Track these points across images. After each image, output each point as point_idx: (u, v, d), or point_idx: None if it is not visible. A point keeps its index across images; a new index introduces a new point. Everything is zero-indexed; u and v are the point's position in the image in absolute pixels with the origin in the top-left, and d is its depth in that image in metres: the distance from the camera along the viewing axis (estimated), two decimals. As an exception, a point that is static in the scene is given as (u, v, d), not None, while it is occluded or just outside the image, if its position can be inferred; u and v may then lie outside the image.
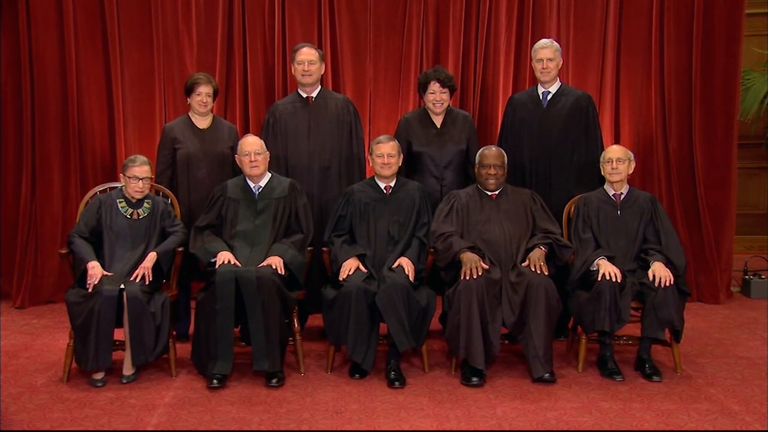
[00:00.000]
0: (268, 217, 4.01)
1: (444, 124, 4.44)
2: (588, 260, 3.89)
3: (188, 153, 4.33)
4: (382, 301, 3.70)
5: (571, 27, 5.45)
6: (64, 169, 5.32)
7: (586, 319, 3.82)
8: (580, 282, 3.90)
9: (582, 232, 4.04)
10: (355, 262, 3.91)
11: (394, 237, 4.05)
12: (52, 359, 4.06)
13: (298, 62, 4.40)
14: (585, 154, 4.37)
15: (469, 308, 3.65)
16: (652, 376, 3.75)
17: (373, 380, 3.76)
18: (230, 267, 3.72)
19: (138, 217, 3.95)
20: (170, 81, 5.36)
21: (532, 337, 3.68)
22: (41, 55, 5.24)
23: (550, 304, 3.71)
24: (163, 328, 3.71)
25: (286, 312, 3.82)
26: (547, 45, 4.43)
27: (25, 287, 5.30)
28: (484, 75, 5.44)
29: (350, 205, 4.11)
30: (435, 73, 4.39)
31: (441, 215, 4.06)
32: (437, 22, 5.45)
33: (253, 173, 4.03)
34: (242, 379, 3.75)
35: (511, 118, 4.53)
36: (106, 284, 3.61)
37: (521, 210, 4.08)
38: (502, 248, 3.93)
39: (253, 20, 5.35)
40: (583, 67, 5.47)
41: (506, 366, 3.94)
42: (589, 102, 4.46)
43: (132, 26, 5.33)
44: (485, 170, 4.08)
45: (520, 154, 4.42)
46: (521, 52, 5.44)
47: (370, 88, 5.49)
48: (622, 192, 4.09)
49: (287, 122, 4.42)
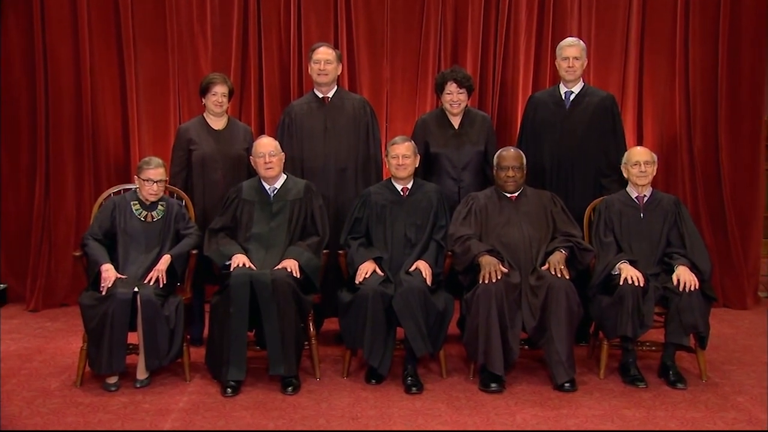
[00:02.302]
0: (284, 220, 4.03)
1: (462, 125, 4.43)
2: (610, 264, 3.87)
3: (203, 154, 4.35)
4: (399, 305, 3.70)
5: (593, 25, 5.44)
6: (77, 170, 5.37)
7: (607, 324, 3.79)
8: (601, 286, 3.88)
9: (603, 235, 4.02)
10: (372, 265, 3.91)
11: (411, 240, 4.05)
12: (66, 363, 4.09)
13: (315, 61, 4.41)
14: (608, 157, 4.35)
15: (488, 312, 3.64)
16: (677, 384, 3.72)
17: (389, 386, 3.76)
18: (245, 270, 3.74)
19: (152, 220, 3.97)
20: (185, 81, 5.40)
21: (553, 342, 3.66)
22: (55, 55, 5.30)
23: (571, 308, 3.69)
24: (177, 331, 3.73)
25: (302, 316, 3.82)
26: (573, 43, 4.41)
27: (38, 290, 5.34)
28: (503, 74, 5.44)
29: (367, 207, 4.12)
30: (452, 73, 4.38)
31: (459, 218, 4.05)
32: (455, 21, 5.45)
33: (268, 175, 4.04)
34: (257, 383, 3.76)
35: (531, 119, 4.52)
36: (120, 287, 3.63)
37: (541, 212, 4.06)
38: (521, 251, 3.91)
39: (268, 20, 5.38)
40: (605, 67, 5.45)
41: (526, 372, 3.93)
42: (614, 104, 4.45)
43: (147, 26, 5.38)
44: (504, 172, 4.07)
45: (540, 156, 4.40)
46: (541, 50, 5.44)
47: (387, 88, 5.50)
48: (645, 194, 4.07)
49: (303, 123, 4.43)
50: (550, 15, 5.40)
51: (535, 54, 5.45)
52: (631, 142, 4.99)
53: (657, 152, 4.33)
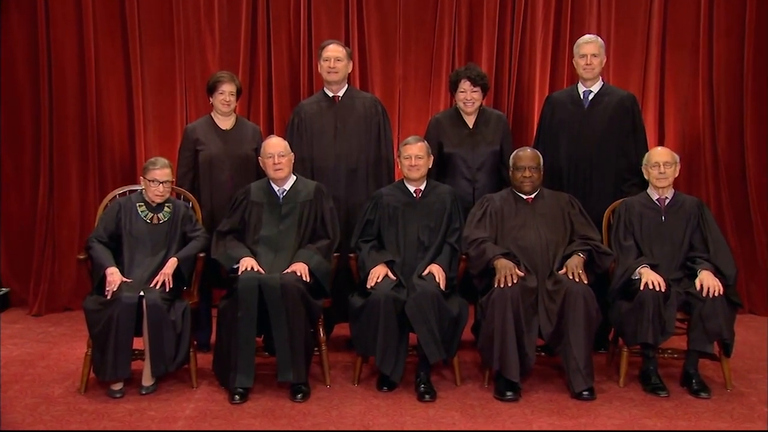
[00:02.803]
0: (293, 222, 4.05)
1: (476, 125, 4.44)
2: (630, 268, 3.87)
3: (210, 155, 4.37)
4: (412, 310, 3.71)
5: (613, 21, 5.43)
6: (82, 171, 5.41)
7: (627, 331, 3.79)
8: (621, 291, 3.88)
9: (623, 238, 4.01)
10: (384, 269, 3.92)
11: (425, 243, 4.06)
12: (70, 369, 4.11)
13: (324, 59, 4.43)
14: (629, 159, 4.34)
15: (504, 318, 3.65)
16: (700, 393, 3.71)
17: (402, 393, 3.77)
18: (253, 274, 3.75)
19: (158, 222, 4.00)
20: (192, 80, 5.42)
21: (571, 348, 3.66)
22: (59, 52, 5.33)
23: (590, 314, 3.68)
24: (184, 337, 3.75)
25: (312, 321, 3.84)
26: (591, 40, 4.40)
27: (41, 294, 5.38)
28: (519, 72, 5.44)
29: (378, 209, 4.13)
30: (466, 71, 4.39)
31: (473, 220, 4.06)
32: (470, 18, 5.46)
33: (278, 176, 4.06)
34: (266, 390, 3.77)
35: (548, 119, 4.52)
36: (125, 291, 3.66)
37: (558, 215, 4.06)
38: (538, 255, 3.92)
39: (277, 16, 5.40)
40: (625, 64, 5.44)
41: (543, 379, 3.93)
42: (634, 103, 4.43)
43: (153, 23, 5.41)
44: (520, 172, 4.07)
45: (557, 157, 4.40)
46: (559, 48, 5.44)
47: (400, 86, 5.51)
48: (666, 196, 4.06)
49: (313, 122, 4.45)
50: (568, 11, 5.40)
51: (552, 51, 5.45)
52: (652, 143, 4.98)
53: (679, 152, 4.31)
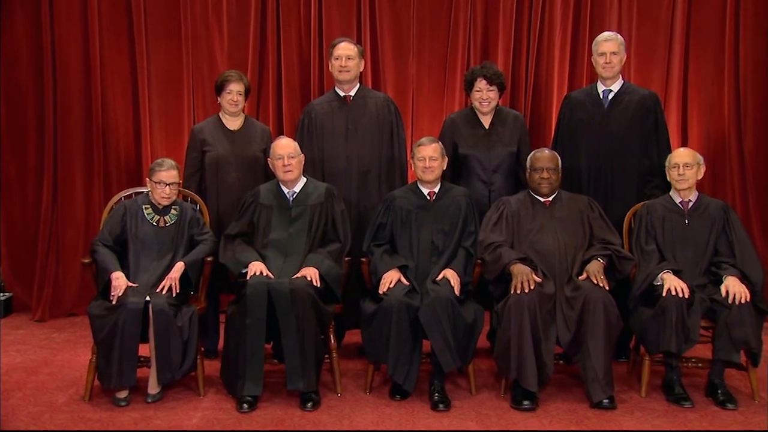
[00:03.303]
0: (303, 225, 4.06)
1: (493, 125, 4.45)
2: (651, 274, 3.86)
3: (218, 156, 4.40)
4: (426, 317, 3.71)
5: (634, 17, 5.42)
6: (87, 172, 5.44)
7: (649, 339, 3.78)
8: (642, 298, 3.87)
9: (645, 243, 4.00)
10: (397, 274, 3.93)
11: (439, 247, 4.06)
12: (74, 376, 4.14)
13: (336, 58, 4.45)
14: (651, 160, 4.34)
15: (520, 325, 3.65)
16: (726, 404, 3.70)
17: (415, 402, 3.77)
18: (262, 278, 3.77)
19: (165, 225, 4.03)
20: (199, 79, 5.46)
21: (590, 357, 3.65)
22: (64, 50, 5.37)
23: (610, 321, 3.68)
24: (191, 343, 3.76)
25: (322, 327, 3.85)
26: (611, 38, 4.39)
27: (45, 299, 5.41)
28: (536, 71, 5.44)
29: (391, 212, 4.14)
30: (482, 70, 4.40)
31: (489, 223, 4.06)
32: (486, 14, 5.46)
33: (287, 178, 4.08)
34: (275, 399, 3.79)
35: (567, 119, 4.51)
36: (131, 296, 3.68)
37: (577, 218, 4.06)
38: (556, 260, 3.91)
39: (287, 13, 5.42)
40: (647, 62, 5.43)
41: (561, 389, 3.93)
42: (656, 102, 4.42)
43: (159, 20, 5.44)
44: (537, 174, 4.07)
45: (576, 159, 4.39)
46: (578, 46, 5.43)
47: (413, 86, 5.52)
48: (690, 199, 4.05)
49: (323, 123, 4.47)
50: (588, 7, 5.39)
51: (571, 49, 5.44)
52: (675, 143, 4.97)
53: (703, 154, 4.29)
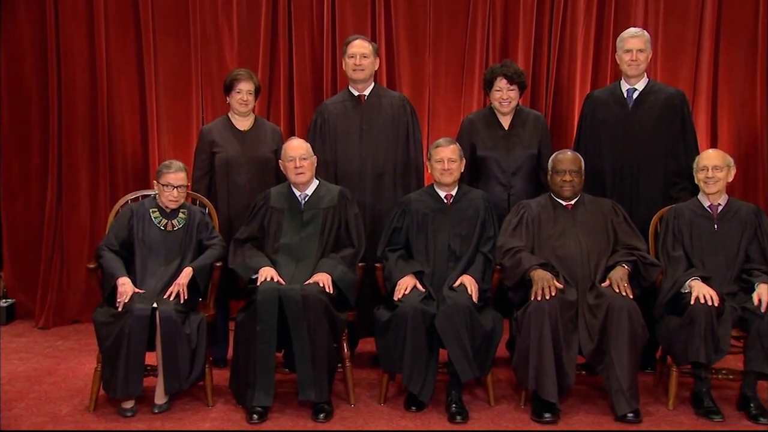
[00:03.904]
0: (315, 229, 4.08)
1: (512, 126, 4.45)
2: (679, 281, 3.85)
3: (227, 157, 4.42)
4: (442, 325, 3.72)
5: (661, 12, 5.39)
6: (92, 175, 5.47)
7: (677, 349, 3.77)
8: (669, 306, 3.86)
9: (672, 248, 3.99)
10: (412, 280, 3.93)
11: (456, 252, 4.07)
12: (78, 386, 4.16)
13: (349, 56, 4.46)
14: (677, 161, 4.33)
15: (541, 333, 3.64)
16: (759, 418, 3.68)
17: (431, 413, 3.78)
18: (273, 285, 3.78)
19: (172, 229, 4.06)
20: (209, 78, 5.48)
21: (614, 367, 3.65)
22: (69, 50, 5.40)
23: (635, 330, 3.67)
24: (199, 352, 3.78)
25: (335, 335, 3.86)
26: (637, 34, 4.39)
27: (49, 305, 5.44)
28: (558, 69, 5.43)
29: (406, 216, 4.15)
30: (502, 68, 4.40)
31: (509, 228, 4.06)
32: (505, 10, 5.45)
33: (299, 180, 4.09)
34: (285, 410, 3.80)
35: (590, 119, 4.51)
36: (138, 303, 3.70)
37: (601, 222, 4.06)
38: (578, 266, 3.91)
39: (299, 10, 5.43)
40: (675, 60, 5.40)
41: (583, 400, 3.92)
42: (683, 101, 4.41)
43: (167, 18, 5.46)
44: (559, 176, 4.07)
45: (599, 161, 4.39)
46: (601, 43, 5.41)
47: (430, 85, 5.52)
48: (719, 203, 4.04)
49: (337, 123, 4.49)
50: (612, 2, 5.36)
51: (594, 46, 5.42)
52: (703, 145, 4.95)
53: (734, 155, 4.27)
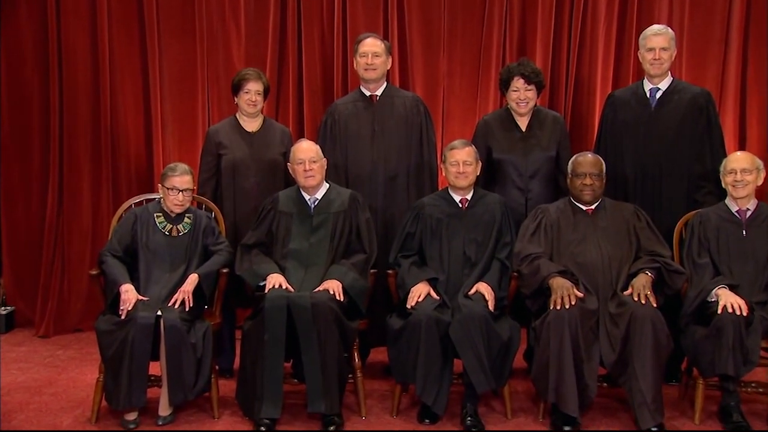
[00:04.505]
0: (326, 235, 4.09)
1: (530, 127, 4.45)
2: (705, 289, 3.84)
3: (235, 160, 4.44)
4: (457, 334, 3.72)
5: (686, 8, 5.38)
6: (94, 178, 5.49)
7: (703, 361, 3.75)
8: (695, 315, 3.85)
9: (697, 255, 3.98)
10: (426, 288, 3.94)
11: (471, 258, 4.07)
12: (80, 396, 4.18)
13: (361, 55, 4.48)
14: (703, 164, 4.31)
15: (560, 343, 3.64)
16: (790, 433, 3.68)
17: (446, 426, 3.78)
18: (281, 292, 3.79)
19: (178, 234, 4.07)
20: (215, 77, 5.50)
21: (637, 379, 3.63)
22: (71, 48, 5.43)
23: (659, 340, 3.66)
24: (205, 361, 3.79)
25: (346, 345, 3.86)
26: (660, 31, 4.38)
27: (49, 313, 5.47)
28: (578, 69, 5.43)
29: (420, 220, 4.16)
30: (519, 67, 4.41)
31: (526, 233, 4.06)
32: (523, 7, 5.46)
33: (308, 184, 4.11)
34: (294, 422, 3.81)
35: (611, 120, 4.50)
36: (141, 310, 3.71)
37: (623, 228, 4.05)
38: (599, 273, 3.90)
39: (309, 7, 5.45)
40: (701, 58, 5.39)
41: (605, 413, 3.92)
42: (709, 101, 4.39)
43: (173, 15, 5.49)
44: (580, 180, 4.07)
45: (621, 164, 4.39)
46: (624, 40, 5.41)
47: (444, 84, 5.53)
48: (748, 208, 4.02)
49: (348, 124, 4.50)
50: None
51: (616, 44, 5.42)
52: (731, 147, 4.93)
53: (763, 158, 4.24)
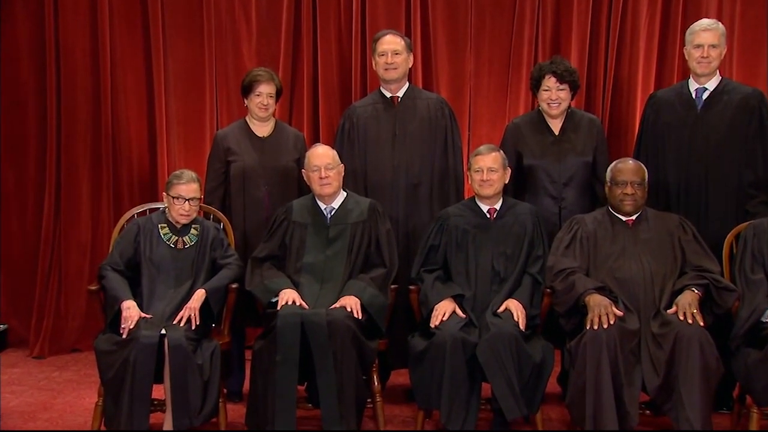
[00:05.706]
0: (343, 247, 4.09)
1: (563, 131, 4.44)
2: (759, 308, 3.80)
3: (245, 167, 4.45)
4: (485, 355, 3.70)
5: (738, 1, 5.33)
6: (94, 186, 5.53)
7: (758, 387, 3.70)
8: (748, 337, 3.81)
9: (751, 270, 3.94)
10: (451, 305, 3.93)
11: (500, 273, 4.06)
12: (78, 422, 4.20)
13: (380, 54, 4.48)
14: (755, 171, 4.28)
15: (598, 367, 3.61)
16: None
17: (473, 457, 3.76)
18: (295, 309, 3.79)
19: (183, 247, 4.08)
20: (224, 78, 5.53)
21: (684, 407, 3.59)
22: (69, 47, 5.48)
23: (708, 364, 3.62)
24: (212, 384, 3.78)
25: (364, 366, 3.86)
26: (710, 26, 4.34)
27: (45, 332, 5.50)
28: (617, 67, 5.41)
29: (444, 232, 4.15)
30: (551, 66, 4.40)
31: (560, 246, 4.04)
32: (557, 1, 5.45)
33: (324, 192, 4.11)
34: (308, 450, 3.82)
35: (652, 123, 4.48)
36: (144, 329, 3.71)
37: (666, 240, 4.02)
38: (640, 290, 3.88)
39: (325, 2, 5.47)
40: (752, 56, 5.35)
41: (648, 444, 3.89)
42: (762, 102, 4.35)
43: (179, 11, 5.53)
44: (620, 189, 4.04)
45: (664, 170, 4.36)
46: (668, 36, 5.38)
47: (471, 85, 5.54)
48: (806, 218, 4.00)
49: (367, 128, 4.51)
50: (681, -10, 5.37)
51: (659, 41, 5.40)
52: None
53: (823, 165, 4.23)
